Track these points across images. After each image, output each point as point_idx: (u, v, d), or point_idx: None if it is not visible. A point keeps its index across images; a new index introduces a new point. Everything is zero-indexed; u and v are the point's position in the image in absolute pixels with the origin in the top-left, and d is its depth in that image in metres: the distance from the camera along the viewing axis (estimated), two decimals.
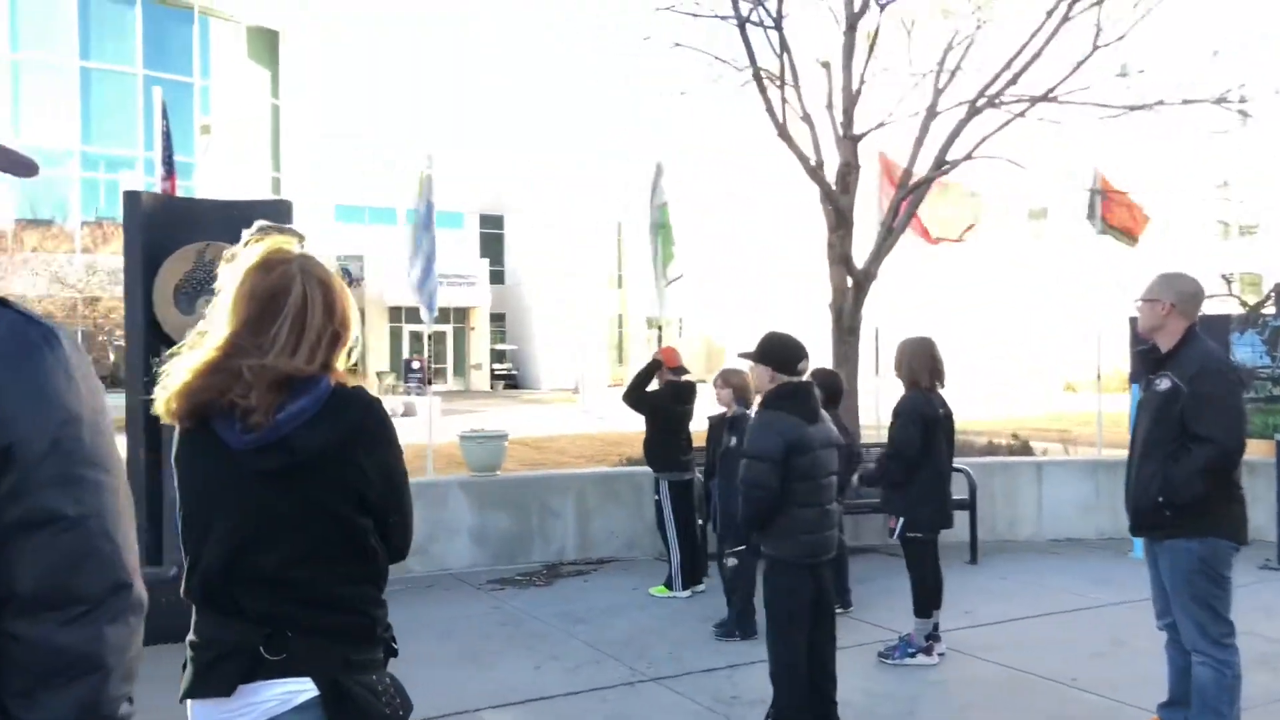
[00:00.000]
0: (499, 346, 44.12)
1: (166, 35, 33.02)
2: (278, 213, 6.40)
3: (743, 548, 5.87)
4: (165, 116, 10.35)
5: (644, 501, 8.27)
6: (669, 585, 6.89)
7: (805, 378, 4.19)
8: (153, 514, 5.97)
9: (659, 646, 5.74)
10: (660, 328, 10.54)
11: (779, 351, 4.18)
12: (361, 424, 2.03)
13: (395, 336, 40.32)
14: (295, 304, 2.05)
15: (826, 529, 4.10)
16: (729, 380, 6.29)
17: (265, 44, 37.08)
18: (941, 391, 5.61)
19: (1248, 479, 8.91)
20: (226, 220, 6.11)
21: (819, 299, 10.87)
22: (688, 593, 6.86)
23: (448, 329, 42.52)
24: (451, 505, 7.73)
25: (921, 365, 5.46)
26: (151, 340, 6.02)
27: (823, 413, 4.18)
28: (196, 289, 6.16)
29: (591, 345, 37.73)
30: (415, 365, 37.14)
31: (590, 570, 7.72)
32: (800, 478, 3.99)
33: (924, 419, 5.38)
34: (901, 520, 5.40)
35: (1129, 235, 11.27)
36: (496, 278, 44.32)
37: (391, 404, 28.60)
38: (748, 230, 45.75)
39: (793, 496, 3.98)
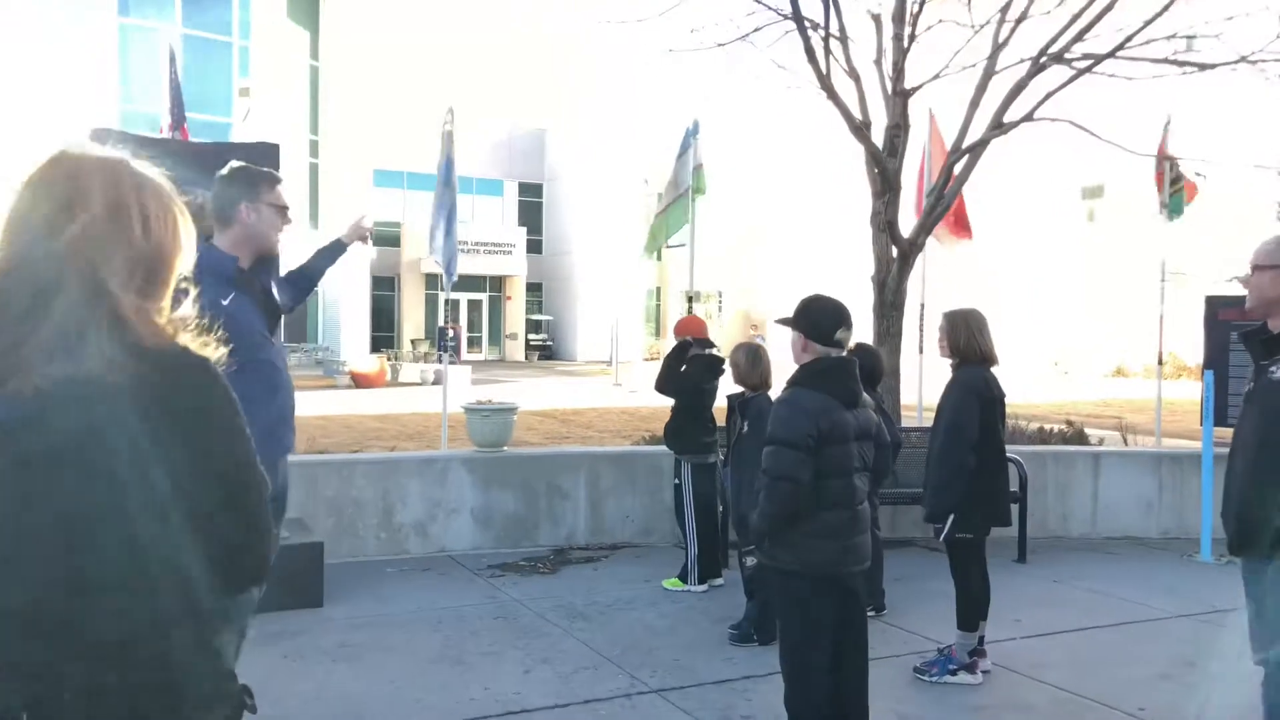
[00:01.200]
0: (535, 316, 43.64)
1: None
2: (262, 155, 5.79)
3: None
4: (173, 63, 9.87)
5: (664, 484, 7.64)
6: (683, 578, 6.27)
7: (846, 351, 3.49)
8: None
9: (666, 650, 5.12)
10: (691, 300, 9.85)
11: (812, 314, 3.50)
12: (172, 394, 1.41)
13: (431, 304, 39.96)
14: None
15: (857, 534, 3.43)
16: (742, 356, 5.62)
17: (305, 4, 36.56)
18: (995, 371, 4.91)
19: None
20: (201, 164, 5.55)
21: (860, 272, 10.12)
22: (704, 587, 6.23)
23: (483, 298, 42.13)
24: (453, 482, 7.16)
25: (976, 337, 4.75)
26: None
27: (865, 396, 3.50)
28: None
29: (627, 317, 37.08)
30: (450, 333, 36.78)
31: (601, 557, 7.12)
32: (830, 473, 3.32)
33: (979, 397, 4.68)
34: (952, 518, 4.69)
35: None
36: (534, 247, 43.79)
37: (424, 372, 28.29)
38: (786, 199, 44.72)
39: (820, 495, 3.32)
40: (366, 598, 5.95)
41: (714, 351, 6.54)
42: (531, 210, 45.20)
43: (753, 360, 5.52)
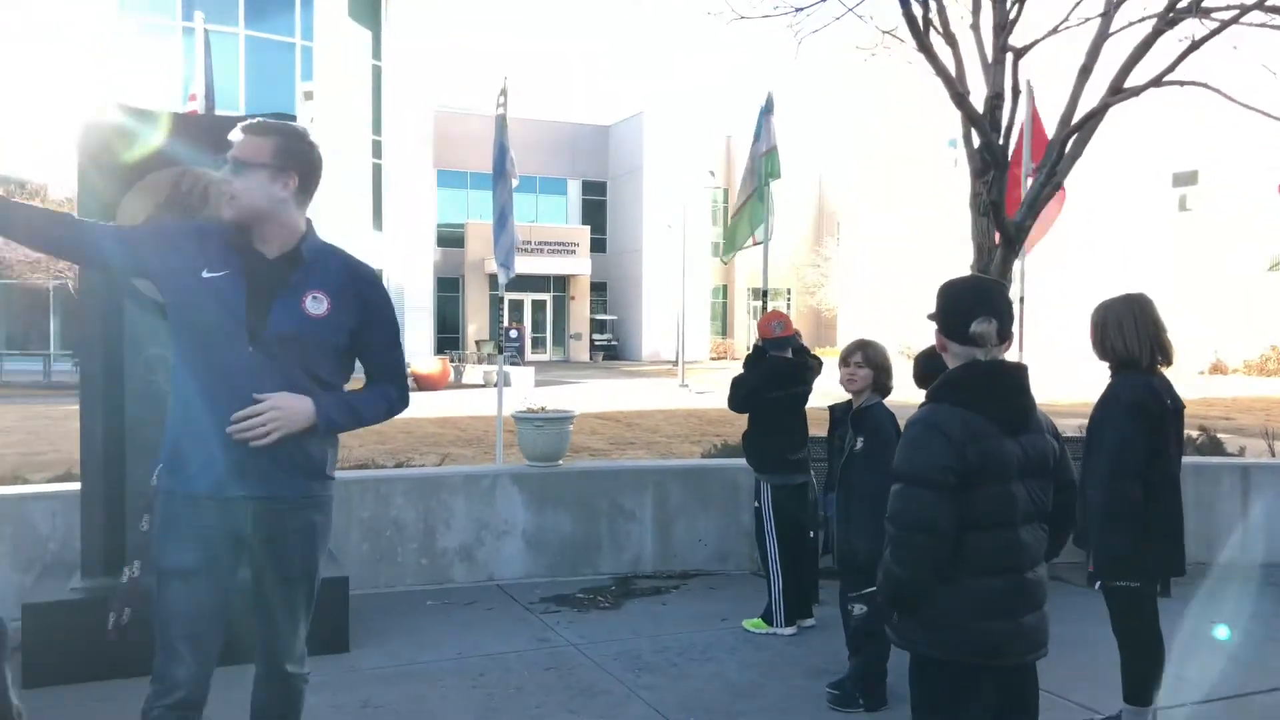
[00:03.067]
0: (599, 316, 42.94)
1: None
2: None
3: (872, 590, 4.25)
4: (208, 49, 9.28)
5: (740, 502, 6.72)
6: (767, 619, 5.33)
7: (997, 353, 2.54)
8: (112, 511, 4.70)
9: (752, 715, 4.21)
10: (764, 296, 8.91)
11: (945, 307, 2.59)
12: None
13: (495, 305, 39.48)
14: None
15: (1028, 609, 2.48)
16: (867, 356, 4.52)
17: (367, 4, 36.27)
18: (1167, 374, 3.89)
19: None
20: (215, 140, 4.79)
21: (958, 263, 9.06)
22: (792, 629, 5.29)
23: (547, 297, 41.56)
24: (502, 500, 6.32)
25: (1139, 334, 3.75)
26: (114, 296, 4.72)
27: (1037, 416, 2.55)
28: None
29: (692, 316, 36.13)
30: (514, 334, 36.23)
31: (670, 588, 6.21)
32: (981, 523, 2.39)
33: (1146, 412, 3.68)
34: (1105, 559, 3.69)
35: None
36: (598, 246, 43.12)
37: (487, 373, 27.69)
38: (865, 185, 43.40)
39: (968, 554, 2.38)
40: (400, 640, 5.13)
41: (794, 353, 5.53)
42: (595, 209, 44.55)
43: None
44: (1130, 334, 3.79)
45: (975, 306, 2.54)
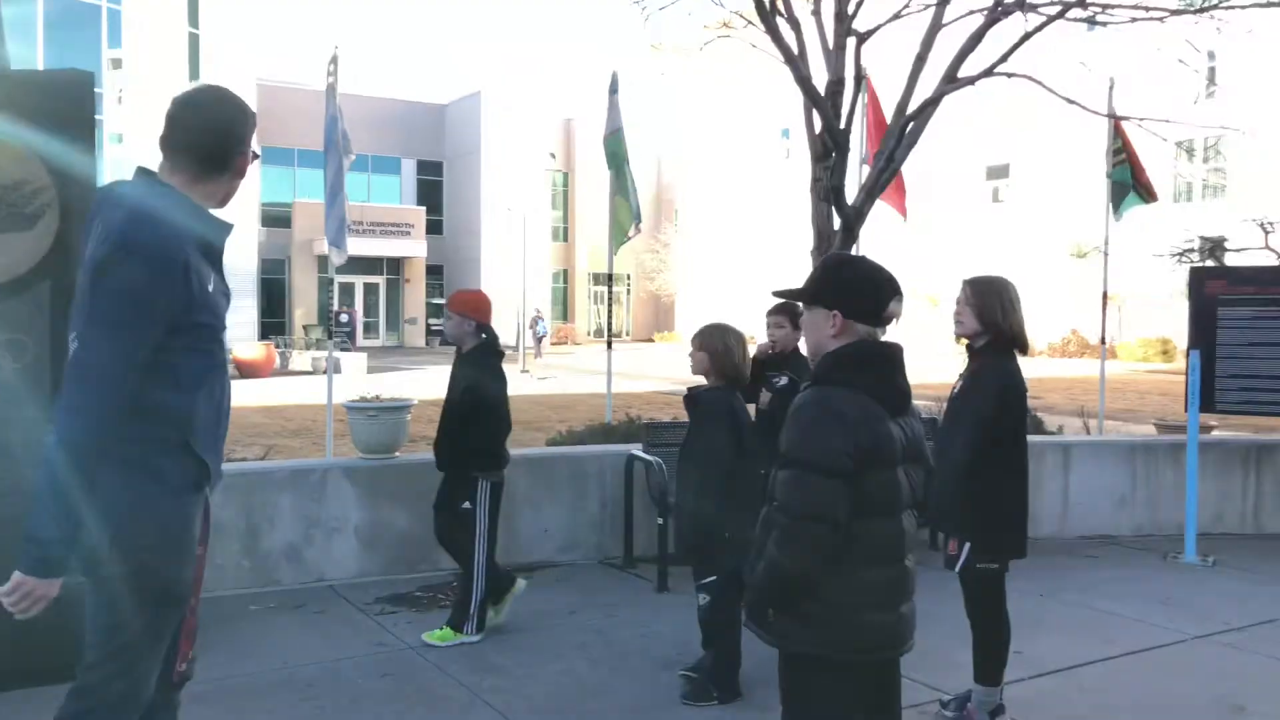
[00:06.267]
0: (436, 300, 41.90)
1: None
2: (75, 84, 4.47)
3: (713, 579, 4.14)
4: None
5: (587, 490, 6.55)
6: (456, 627, 4.86)
7: (886, 336, 2.41)
8: None
9: (605, 714, 4.02)
10: (609, 281, 8.73)
11: (852, 286, 2.42)
12: None
13: (324, 288, 37.92)
14: None
15: (904, 601, 2.37)
16: (700, 341, 4.33)
17: None
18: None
19: None
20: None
21: (796, 248, 9.15)
22: (480, 635, 4.87)
23: (380, 281, 40.27)
24: (332, 496, 5.90)
25: (1012, 314, 3.75)
26: None
27: (914, 403, 2.44)
28: None
29: (533, 301, 35.71)
30: (344, 318, 34.90)
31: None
32: (871, 510, 2.26)
33: (1016, 393, 3.72)
34: (969, 544, 3.70)
35: (1148, 192, 9.52)
36: (434, 228, 42.06)
37: (316, 360, 26.47)
38: (700, 169, 43.97)
39: (857, 544, 2.26)
40: (218, 651, 4.67)
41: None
42: (431, 189, 43.42)
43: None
44: (1016, 315, 3.78)
45: (887, 284, 2.41)
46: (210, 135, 2.34)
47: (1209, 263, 9.65)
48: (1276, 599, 5.82)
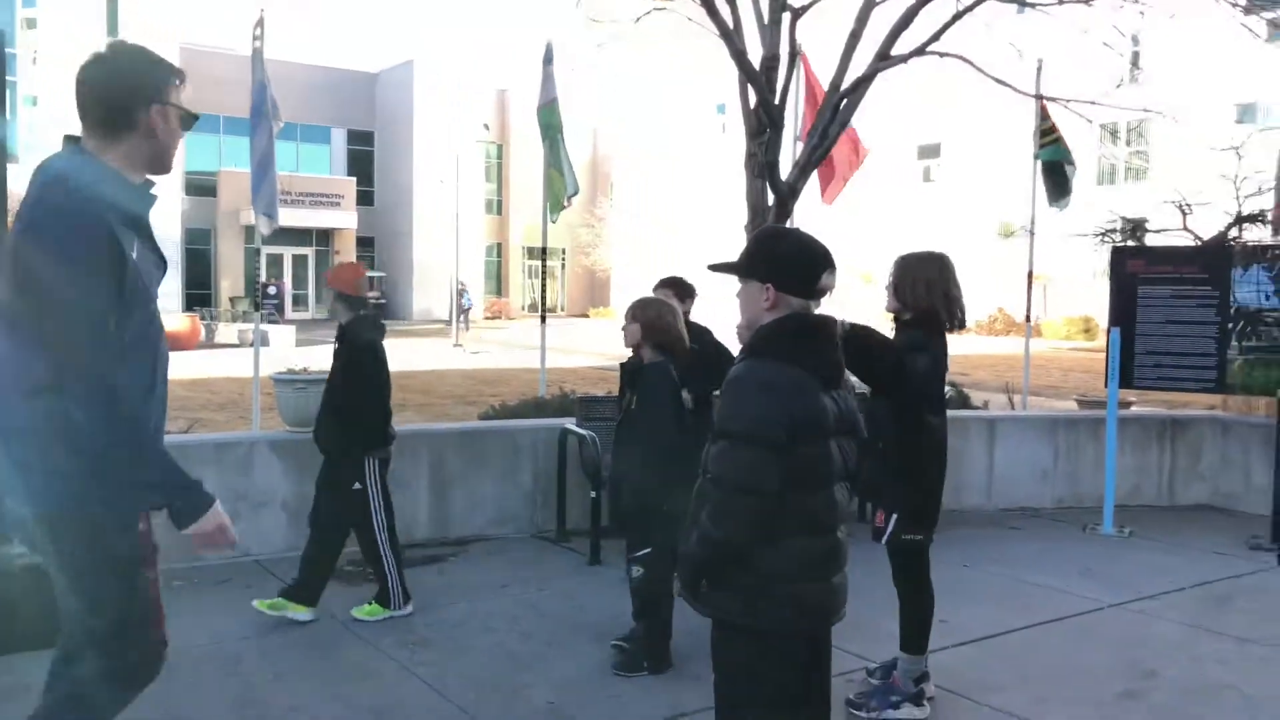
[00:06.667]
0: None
1: None
2: None
3: (647, 551, 4.16)
4: None
5: (520, 464, 6.51)
6: (383, 603, 4.84)
7: (817, 309, 2.42)
8: None
9: (538, 689, 4.02)
10: (544, 256, 8.65)
11: (786, 259, 2.41)
12: None
13: (251, 259, 37.00)
14: None
15: (836, 571, 2.40)
16: (634, 313, 4.32)
17: None
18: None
19: (1242, 443, 7.67)
20: None
21: (729, 223, 9.19)
22: (410, 608, 4.86)
23: (309, 252, 39.44)
24: (259, 470, 5.79)
25: (944, 294, 3.77)
26: None
27: (847, 375, 2.45)
28: None
29: (466, 275, 35.36)
30: (272, 290, 34.15)
31: (447, 556, 5.92)
32: (805, 483, 2.28)
33: (944, 369, 3.77)
34: (895, 516, 3.76)
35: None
36: (365, 199, 41.28)
37: (242, 332, 25.88)
38: (635, 143, 43.79)
39: (791, 516, 2.27)
40: None
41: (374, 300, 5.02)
42: (362, 159, 42.56)
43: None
44: (937, 292, 3.79)
45: (821, 258, 2.40)
46: (111, 91, 2.22)
47: (1130, 243, 9.89)
48: (1188, 568, 6.05)
